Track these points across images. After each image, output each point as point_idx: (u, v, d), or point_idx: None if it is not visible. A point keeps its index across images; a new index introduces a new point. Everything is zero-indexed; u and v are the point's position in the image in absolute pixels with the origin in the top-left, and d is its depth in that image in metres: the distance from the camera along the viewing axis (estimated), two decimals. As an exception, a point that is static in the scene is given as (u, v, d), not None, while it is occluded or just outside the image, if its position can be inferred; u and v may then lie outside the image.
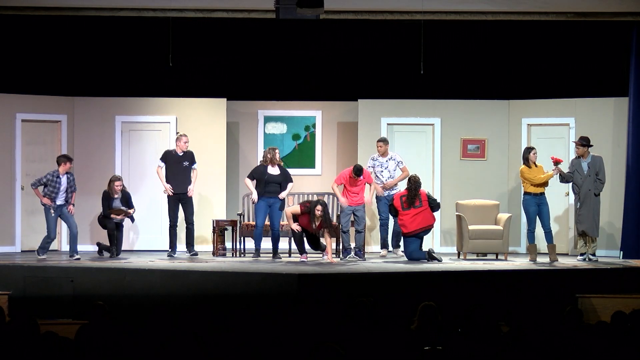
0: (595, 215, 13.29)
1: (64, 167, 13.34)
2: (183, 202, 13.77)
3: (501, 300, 11.32)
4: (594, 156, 13.40)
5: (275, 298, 11.18)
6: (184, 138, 13.85)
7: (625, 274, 12.51)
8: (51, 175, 13.29)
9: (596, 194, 13.30)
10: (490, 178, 15.26)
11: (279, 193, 13.60)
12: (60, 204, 13.33)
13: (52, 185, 13.25)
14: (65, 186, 13.34)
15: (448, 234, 14.81)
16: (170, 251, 13.77)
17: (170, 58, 13.51)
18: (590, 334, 7.46)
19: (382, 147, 14.06)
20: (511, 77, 15.42)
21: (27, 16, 14.17)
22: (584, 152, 13.40)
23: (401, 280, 11.78)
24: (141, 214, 15.17)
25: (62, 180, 13.32)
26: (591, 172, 13.27)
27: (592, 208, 13.27)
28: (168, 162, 13.81)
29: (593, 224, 13.26)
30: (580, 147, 13.42)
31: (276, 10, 12.34)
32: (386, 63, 15.59)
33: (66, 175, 13.38)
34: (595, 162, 13.32)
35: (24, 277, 12.09)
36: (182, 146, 13.82)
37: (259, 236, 13.64)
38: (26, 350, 6.36)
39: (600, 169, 13.32)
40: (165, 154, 13.95)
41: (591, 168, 13.28)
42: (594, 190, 13.28)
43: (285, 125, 15.94)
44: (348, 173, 13.45)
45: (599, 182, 13.29)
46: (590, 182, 13.27)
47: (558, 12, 14.13)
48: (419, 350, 6.62)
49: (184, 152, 13.84)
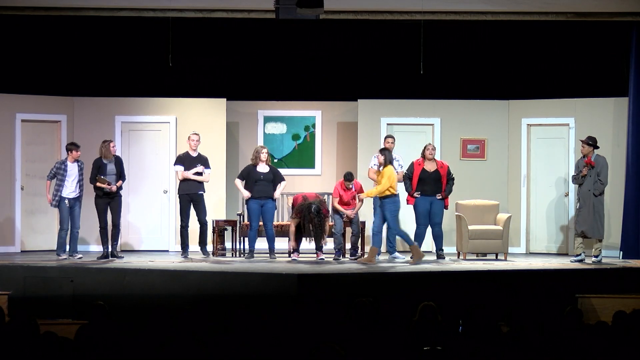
0: (597, 216, 13.21)
1: (72, 155, 13.23)
2: (195, 203, 13.67)
3: (501, 300, 11.31)
4: (597, 156, 13.36)
5: (275, 298, 11.18)
6: (193, 136, 13.77)
7: (625, 274, 12.51)
8: (59, 164, 13.21)
9: (596, 195, 13.25)
10: (490, 178, 15.26)
11: (270, 193, 13.55)
12: (71, 197, 13.15)
13: (60, 174, 13.14)
14: (76, 175, 13.17)
15: (448, 234, 14.80)
16: (182, 252, 13.64)
17: (170, 58, 13.50)
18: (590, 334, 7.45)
19: (392, 144, 13.85)
20: (511, 77, 15.42)
21: (27, 16, 14.16)
22: (589, 152, 13.36)
23: (401, 281, 11.79)
24: (141, 214, 15.19)
25: (69, 168, 13.18)
26: (592, 173, 13.24)
27: (593, 209, 13.23)
28: (185, 164, 13.65)
29: (594, 224, 13.19)
30: (586, 146, 13.38)
31: (276, 11, 12.34)
32: (386, 63, 15.59)
33: (76, 164, 13.24)
34: (596, 162, 13.30)
35: (24, 277, 12.09)
36: (192, 145, 13.74)
37: (253, 237, 13.63)
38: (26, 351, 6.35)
39: (601, 169, 13.26)
40: (179, 158, 13.76)
41: (592, 168, 13.26)
42: (594, 190, 13.24)
43: (285, 126, 15.93)
44: (340, 183, 13.73)
45: (599, 182, 13.23)
46: (590, 182, 13.24)
47: (558, 12, 14.13)
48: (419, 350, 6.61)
49: (198, 154, 13.78)
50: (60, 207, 13.19)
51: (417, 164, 13.76)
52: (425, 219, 13.66)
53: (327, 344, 5.71)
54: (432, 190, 13.65)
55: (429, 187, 13.65)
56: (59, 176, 13.13)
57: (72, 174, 13.20)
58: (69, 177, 13.17)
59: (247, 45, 15.56)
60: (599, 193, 13.25)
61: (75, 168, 13.23)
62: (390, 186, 12.94)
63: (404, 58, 15.15)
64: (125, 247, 15.11)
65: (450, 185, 13.70)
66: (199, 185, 13.68)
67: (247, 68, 15.69)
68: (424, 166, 13.71)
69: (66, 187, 13.17)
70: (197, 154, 13.79)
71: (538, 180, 15.17)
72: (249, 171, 13.69)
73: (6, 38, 14.74)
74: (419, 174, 13.67)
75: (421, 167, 13.70)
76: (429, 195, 13.66)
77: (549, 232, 14.98)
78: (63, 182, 13.12)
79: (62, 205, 13.17)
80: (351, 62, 15.64)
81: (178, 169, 13.70)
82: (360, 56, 15.62)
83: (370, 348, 6.73)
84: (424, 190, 13.66)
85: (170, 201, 15.22)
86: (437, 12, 14.04)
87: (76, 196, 13.23)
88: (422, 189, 13.66)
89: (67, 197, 13.18)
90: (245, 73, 15.71)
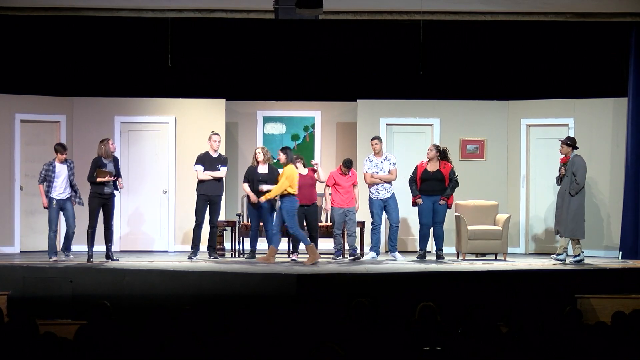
0: (574, 216, 13.05)
1: (59, 157, 13.11)
2: (212, 204, 13.61)
3: (501, 300, 11.31)
4: (575, 156, 13.26)
5: (275, 298, 11.18)
6: (214, 137, 13.72)
7: (624, 274, 12.51)
8: (47, 165, 13.12)
9: (572, 195, 13.10)
10: (489, 178, 15.26)
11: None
12: (60, 198, 13.08)
13: (49, 176, 13.07)
14: (65, 176, 13.07)
15: (447, 234, 14.79)
16: (191, 252, 13.52)
17: (169, 58, 13.51)
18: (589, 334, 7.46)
19: (377, 145, 13.89)
20: (510, 77, 15.42)
21: (26, 16, 14.16)
22: (567, 152, 13.33)
23: (400, 281, 11.79)
24: (140, 214, 15.19)
25: (57, 169, 13.08)
26: (568, 172, 13.18)
27: (568, 208, 13.11)
28: (205, 164, 13.58)
29: (569, 224, 13.05)
30: (565, 146, 13.36)
31: (275, 11, 12.34)
32: (385, 63, 15.60)
33: (65, 164, 13.14)
34: (572, 162, 13.23)
35: (23, 278, 12.09)
36: (214, 145, 13.70)
37: (253, 238, 13.65)
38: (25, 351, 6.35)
39: (577, 169, 13.11)
40: (200, 158, 13.62)
41: (569, 168, 13.21)
42: (570, 190, 13.16)
43: (284, 126, 15.94)
44: (337, 169, 13.72)
45: (575, 182, 13.15)
46: (567, 182, 13.17)
47: (557, 12, 14.13)
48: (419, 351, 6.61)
49: (218, 154, 13.75)
50: (49, 208, 13.13)
51: (420, 166, 13.78)
52: (428, 219, 13.67)
53: (327, 344, 5.71)
54: (433, 190, 13.66)
55: (431, 188, 13.66)
56: (48, 178, 13.05)
57: (60, 174, 13.07)
58: (57, 178, 13.06)
59: (246, 45, 15.56)
60: (575, 192, 13.08)
61: (64, 168, 13.11)
62: (289, 185, 12.95)
63: (403, 58, 15.16)
64: (125, 247, 15.12)
65: (451, 186, 13.69)
66: (218, 188, 13.65)
67: (246, 68, 15.69)
68: (426, 167, 13.74)
69: (55, 188, 13.05)
70: (218, 154, 13.76)
71: (537, 181, 15.17)
72: (250, 172, 13.70)
73: (5, 38, 14.74)
74: (421, 174, 13.69)
75: (424, 168, 13.73)
76: (431, 196, 13.67)
77: (548, 232, 14.98)
78: (52, 183, 13.03)
79: (50, 206, 13.09)
80: (350, 63, 15.64)
81: (198, 168, 13.61)
82: (360, 56, 15.62)
83: (369, 348, 6.73)
84: (426, 190, 13.68)
85: (170, 201, 15.22)
86: (436, 12, 14.04)
87: (66, 197, 13.10)
88: (424, 189, 13.68)
89: (55, 198, 13.07)
90: (245, 73, 15.71)
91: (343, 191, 13.61)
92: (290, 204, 12.99)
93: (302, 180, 13.43)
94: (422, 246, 13.80)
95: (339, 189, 13.63)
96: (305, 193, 13.44)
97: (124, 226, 15.24)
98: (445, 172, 13.72)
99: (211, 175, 13.55)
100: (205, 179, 13.52)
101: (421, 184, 13.69)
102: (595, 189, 14.76)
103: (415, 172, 13.78)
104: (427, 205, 13.68)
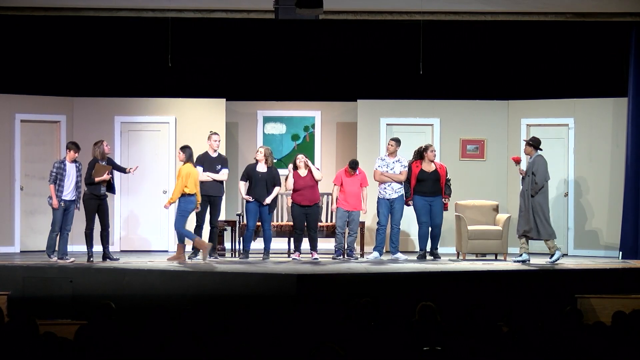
0: (536, 216, 12.94)
1: (70, 155, 12.86)
2: (212, 205, 13.59)
3: (501, 300, 11.31)
4: (536, 156, 13.14)
5: (275, 298, 11.18)
6: (213, 136, 13.70)
7: (624, 274, 12.51)
8: (58, 164, 12.86)
9: (532, 195, 12.97)
10: (489, 178, 15.27)
11: (266, 195, 13.51)
12: (67, 199, 12.82)
13: (61, 174, 12.78)
14: (73, 177, 12.81)
15: (447, 234, 14.79)
16: (191, 253, 13.45)
17: (169, 58, 13.51)
18: (589, 334, 7.46)
19: (392, 147, 13.86)
20: (510, 77, 15.42)
21: (26, 16, 14.16)
22: (530, 152, 13.29)
23: (400, 281, 11.79)
24: (140, 214, 15.19)
25: (67, 168, 12.82)
26: (529, 172, 13.14)
27: (531, 209, 12.98)
28: (204, 164, 13.55)
29: (535, 226, 12.95)
30: (528, 146, 13.31)
31: (275, 11, 12.34)
32: (385, 63, 15.60)
33: (74, 165, 12.89)
34: (533, 162, 13.08)
35: (23, 278, 12.08)
36: (213, 145, 13.68)
37: (248, 238, 13.61)
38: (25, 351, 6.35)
39: (537, 169, 12.98)
40: (199, 159, 13.50)
41: (529, 168, 13.17)
42: (530, 191, 13.06)
43: (284, 126, 15.94)
44: (344, 169, 13.69)
45: (534, 182, 13.01)
46: (528, 182, 13.12)
47: (557, 12, 14.14)
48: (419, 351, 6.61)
49: (218, 155, 13.74)
50: (57, 209, 12.98)
51: (414, 166, 13.77)
52: (426, 217, 13.68)
53: (327, 344, 5.71)
54: (431, 191, 13.66)
55: (428, 188, 13.66)
56: (60, 177, 12.79)
57: (69, 175, 12.83)
58: (67, 179, 12.82)
59: (246, 45, 15.56)
60: (534, 193, 12.97)
61: (73, 169, 12.88)
62: (185, 185, 12.91)
63: (403, 58, 15.16)
64: (125, 247, 15.12)
65: (448, 185, 13.74)
66: (219, 188, 13.63)
67: (246, 68, 15.69)
68: (422, 167, 13.72)
69: (63, 188, 12.81)
70: (217, 154, 13.75)
71: (537, 181, 15.16)
72: (249, 170, 13.67)
73: (5, 38, 14.74)
74: (417, 174, 13.68)
75: (419, 168, 13.72)
76: (428, 196, 13.67)
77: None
78: (62, 182, 12.81)
79: (60, 207, 12.83)
80: (350, 63, 15.64)
81: (197, 169, 13.61)
82: (360, 56, 15.62)
83: (369, 348, 6.73)
84: (423, 191, 13.67)
85: (170, 201, 15.21)
86: (436, 12, 14.04)
87: (72, 198, 12.87)
88: (421, 189, 13.67)
89: (64, 199, 12.84)
90: (245, 73, 15.71)
91: (348, 193, 13.58)
92: (185, 204, 12.95)
93: (303, 181, 13.45)
94: (422, 246, 13.81)
95: (345, 190, 13.61)
96: (307, 194, 13.44)
97: (124, 226, 15.24)
98: (442, 172, 13.72)
99: (211, 177, 13.54)
100: (204, 180, 13.51)
101: (417, 184, 13.68)
102: (595, 189, 14.77)
103: (410, 173, 13.75)
104: (424, 206, 13.68)
